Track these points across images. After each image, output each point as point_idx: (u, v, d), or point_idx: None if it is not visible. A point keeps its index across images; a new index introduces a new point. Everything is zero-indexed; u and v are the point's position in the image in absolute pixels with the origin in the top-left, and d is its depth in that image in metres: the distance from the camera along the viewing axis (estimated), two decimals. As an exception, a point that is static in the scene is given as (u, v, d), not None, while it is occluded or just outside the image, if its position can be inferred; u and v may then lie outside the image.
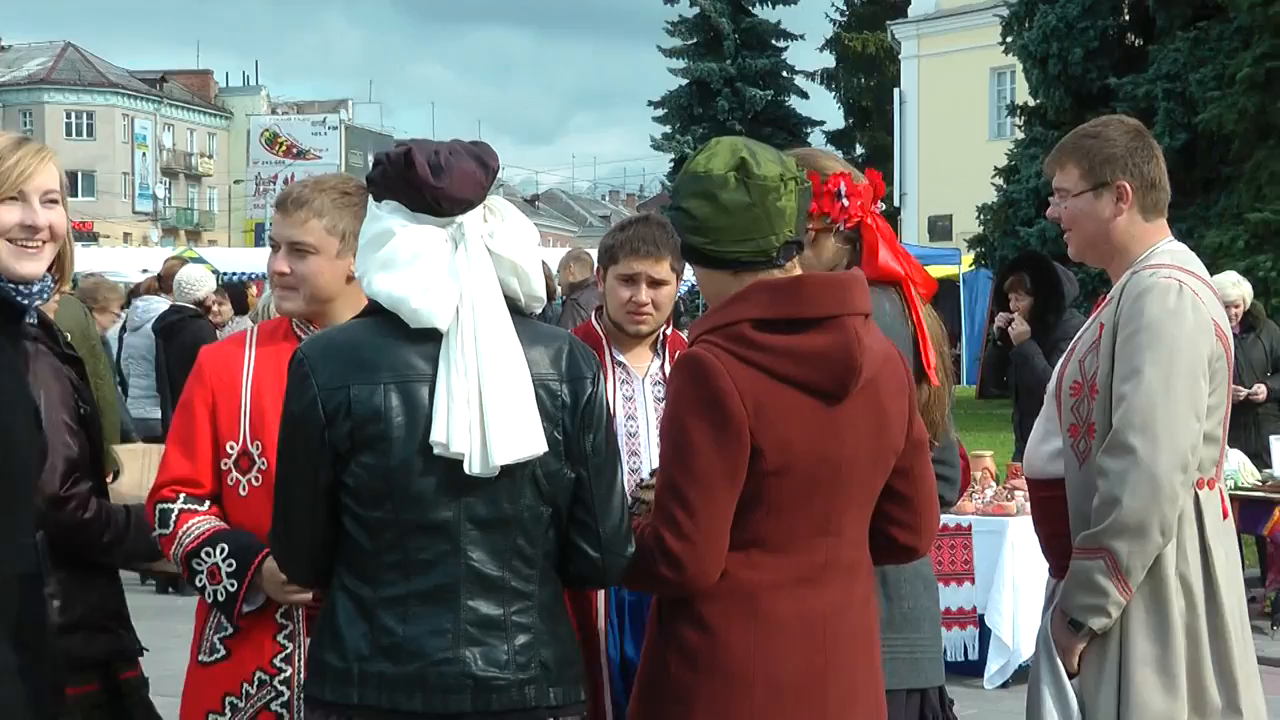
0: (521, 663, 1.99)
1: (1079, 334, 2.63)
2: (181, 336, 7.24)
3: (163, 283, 8.07)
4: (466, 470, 1.96)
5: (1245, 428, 6.51)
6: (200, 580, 2.31)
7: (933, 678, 2.59)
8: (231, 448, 2.36)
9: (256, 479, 2.34)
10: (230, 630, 2.34)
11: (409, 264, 2.01)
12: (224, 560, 2.30)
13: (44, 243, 2.10)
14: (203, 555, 2.31)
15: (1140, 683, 2.44)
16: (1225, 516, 2.57)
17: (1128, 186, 2.56)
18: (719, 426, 2.01)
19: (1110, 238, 2.59)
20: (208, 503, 2.37)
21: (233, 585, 2.29)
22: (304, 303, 2.40)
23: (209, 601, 2.33)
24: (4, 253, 1.99)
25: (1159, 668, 2.45)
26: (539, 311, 2.13)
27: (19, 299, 2.01)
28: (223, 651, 2.34)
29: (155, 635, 2.97)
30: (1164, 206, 2.62)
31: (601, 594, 2.82)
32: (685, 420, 2.03)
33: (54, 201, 2.14)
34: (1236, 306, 6.50)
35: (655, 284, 2.94)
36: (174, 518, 2.34)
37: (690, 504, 2.01)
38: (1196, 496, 2.50)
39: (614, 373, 2.98)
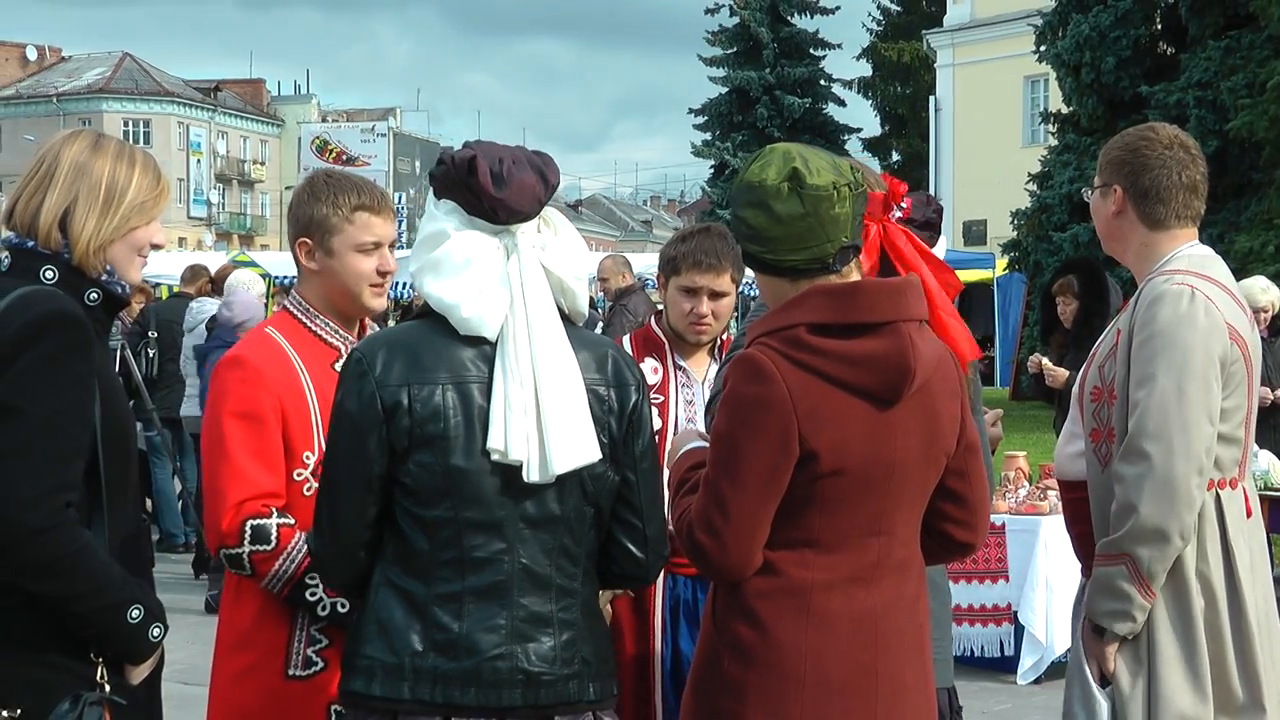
0: (566, 658, 2.04)
1: (1100, 340, 2.65)
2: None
3: (216, 286, 8.33)
4: (525, 478, 2.00)
5: (1277, 429, 6.45)
6: (316, 594, 2.31)
7: (940, 679, 2.62)
8: (308, 458, 2.35)
9: None
10: (326, 642, 2.34)
11: (461, 270, 2.03)
12: None
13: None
14: None
15: (1167, 682, 2.45)
16: (1249, 515, 2.58)
17: (1119, 192, 2.62)
18: (764, 429, 2.02)
19: (1114, 235, 2.66)
20: (290, 516, 2.35)
21: None
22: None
23: (321, 614, 2.32)
24: (129, 263, 2.11)
25: (1186, 667, 2.46)
26: (581, 325, 2.17)
27: (121, 293, 2.14)
28: (320, 664, 2.35)
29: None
30: (1172, 217, 2.60)
31: (659, 593, 2.91)
32: (733, 420, 2.05)
33: None
34: (1266, 311, 6.49)
35: (715, 296, 2.96)
36: (274, 534, 2.31)
37: (725, 503, 2.03)
38: (1218, 496, 2.51)
39: (675, 377, 3.02)
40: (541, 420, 2.00)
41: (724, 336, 3.08)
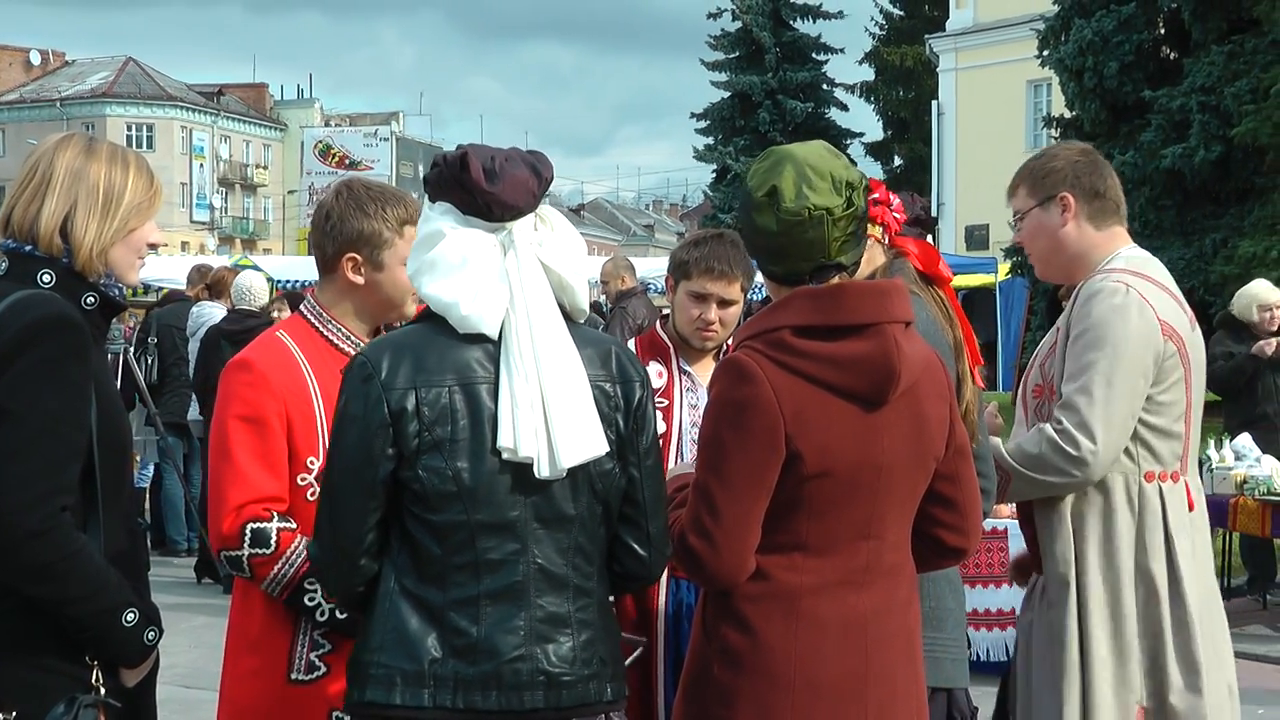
0: (585, 658, 2.02)
1: (1042, 341, 2.75)
2: (250, 340, 7.66)
3: (212, 290, 8.38)
4: (536, 474, 1.98)
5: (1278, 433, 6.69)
6: (315, 599, 2.30)
7: (956, 678, 2.65)
8: (312, 462, 2.34)
9: None
10: (329, 647, 2.34)
11: (458, 268, 2.02)
12: None
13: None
14: None
15: (1099, 679, 2.53)
16: (1192, 509, 2.63)
17: (1070, 197, 2.67)
18: (751, 431, 2.02)
19: (1063, 248, 2.69)
20: (291, 520, 2.34)
21: None
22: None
23: (320, 619, 2.32)
24: (128, 265, 2.13)
25: (1115, 663, 2.53)
26: (581, 322, 2.16)
27: (119, 296, 2.14)
28: (323, 669, 2.34)
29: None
30: (1113, 215, 2.71)
31: (662, 596, 2.89)
32: (719, 423, 2.05)
33: None
34: (1272, 313, 6.65)
35: (724, 304, 2.97)
36: (274, 537, 2.31)
37: (715, 506, 2.03)
38: (1160, 489, 2.58)
39: (680, 381, 3.02)
40: (548, 415, 1.99)
41: (729, 342, 3.08)
